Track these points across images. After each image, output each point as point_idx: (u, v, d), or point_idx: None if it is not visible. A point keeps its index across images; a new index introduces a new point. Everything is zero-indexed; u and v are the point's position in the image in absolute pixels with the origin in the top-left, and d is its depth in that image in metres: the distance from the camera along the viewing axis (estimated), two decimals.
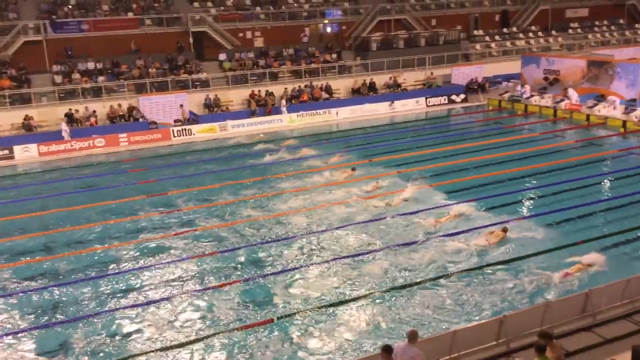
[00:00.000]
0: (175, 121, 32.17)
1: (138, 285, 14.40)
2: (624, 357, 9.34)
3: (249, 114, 33.09)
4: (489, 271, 14.06)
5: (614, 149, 24.94)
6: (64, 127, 29.54)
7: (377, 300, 13.01)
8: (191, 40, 36.92)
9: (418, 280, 13.74)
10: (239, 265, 15.27)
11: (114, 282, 14.61)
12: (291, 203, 19.60)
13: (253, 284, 14.16)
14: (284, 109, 33.58)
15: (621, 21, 49.81)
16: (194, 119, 32.54)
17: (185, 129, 31.18)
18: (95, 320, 12.78)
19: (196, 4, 38.65)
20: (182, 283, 14.43)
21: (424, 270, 14.27)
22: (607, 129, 28.31)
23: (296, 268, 14.76)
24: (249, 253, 15.96)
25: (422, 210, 18.04)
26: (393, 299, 13.02)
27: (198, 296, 13.66)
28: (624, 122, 27.92)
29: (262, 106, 34.05)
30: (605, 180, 20.96)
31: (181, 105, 32.24)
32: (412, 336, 8.94)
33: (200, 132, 31.35)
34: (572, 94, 32.17)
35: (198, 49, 37.43)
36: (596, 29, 48.09)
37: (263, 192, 20.95)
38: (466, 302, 12.76)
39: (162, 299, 13.59)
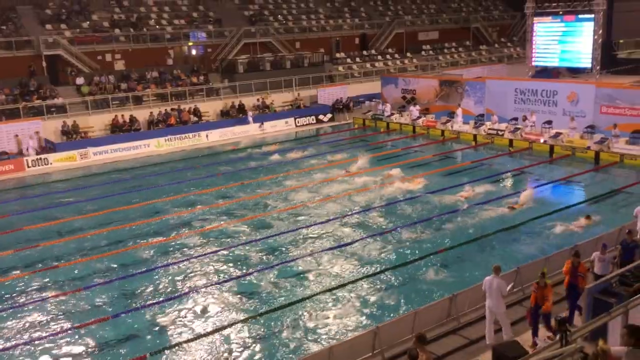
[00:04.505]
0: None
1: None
2: (485, 357, 10.02)
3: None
4: None
5: (467, 161, 26.99)
6: (31, 143, 28.75)
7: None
8: (44, 64, 34.67)
9: None
10: (107, 301, 14.46)
11: None
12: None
13: (126, 317, 13.49)
14: (250, 119, 34.98)
15: (467, 43, 54.29)
16: (50, 147, 30.40)
17: (41, 159, 29.05)
18: None
19: (49, 26, 36.39)
20: (40, 324, 13.37)
21: None
22: (460, 143, 30.58)
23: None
24: (117, 287, 15.18)
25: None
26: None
27: (62, 336, 12.72)
28: (475, 136, 30.38)
29: (127, 131, 32.74)
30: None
31: (16, 135, 29.82)
32: (496, 270, 11.08)
33: (58, 161, 29.36)
34: (413, 109, 34.70)
35: (52, 73, 35.23)
36: (446, 50, 52.01)
37: (138, 219, 20.12)
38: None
39: (32, 340, 12.52)
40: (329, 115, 38.23)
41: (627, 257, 12.41)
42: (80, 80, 34.60)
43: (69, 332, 12.96)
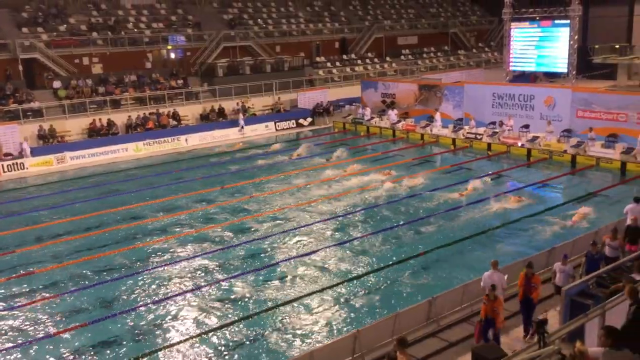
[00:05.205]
0: (5, 155, 29.35)
1: None
2: (464, 359, 10.06)
3: None
4: None
5: (447, 165, 27.18)
6: (25, 146, 28.86)
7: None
8: (20, 67, 34.15)
9: None
10: (84, 307, 14.25)
11: None
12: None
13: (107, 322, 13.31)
14: (241, 122, 35.32)
15: (446, 48, 54.73)
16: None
17: (17, 163, 28.59)
18: None
19: (25, 30, 35.86)
20: (16, 331, 13.12)
21: None
22: (439, 147, 30.78)
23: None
24: (94, 293, 14.98)
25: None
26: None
27: (38, 344, 12.51)
28: (454, 140, 30.61)
29: (104, 135, 32.35)
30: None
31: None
32: (494, 264, 11.52)
33: (35, 166, 28.91)
34: (391, 113, 34.93)
35: (29, 77, 34.71)
36: (425, 55, 52.37)
37: (110, 226, 19.88)
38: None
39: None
40: (310, 119, 38.24)
41: (593, 268, 12.05)
42: (57, 84, 34.15)
43: (46, 339, 12.74)
